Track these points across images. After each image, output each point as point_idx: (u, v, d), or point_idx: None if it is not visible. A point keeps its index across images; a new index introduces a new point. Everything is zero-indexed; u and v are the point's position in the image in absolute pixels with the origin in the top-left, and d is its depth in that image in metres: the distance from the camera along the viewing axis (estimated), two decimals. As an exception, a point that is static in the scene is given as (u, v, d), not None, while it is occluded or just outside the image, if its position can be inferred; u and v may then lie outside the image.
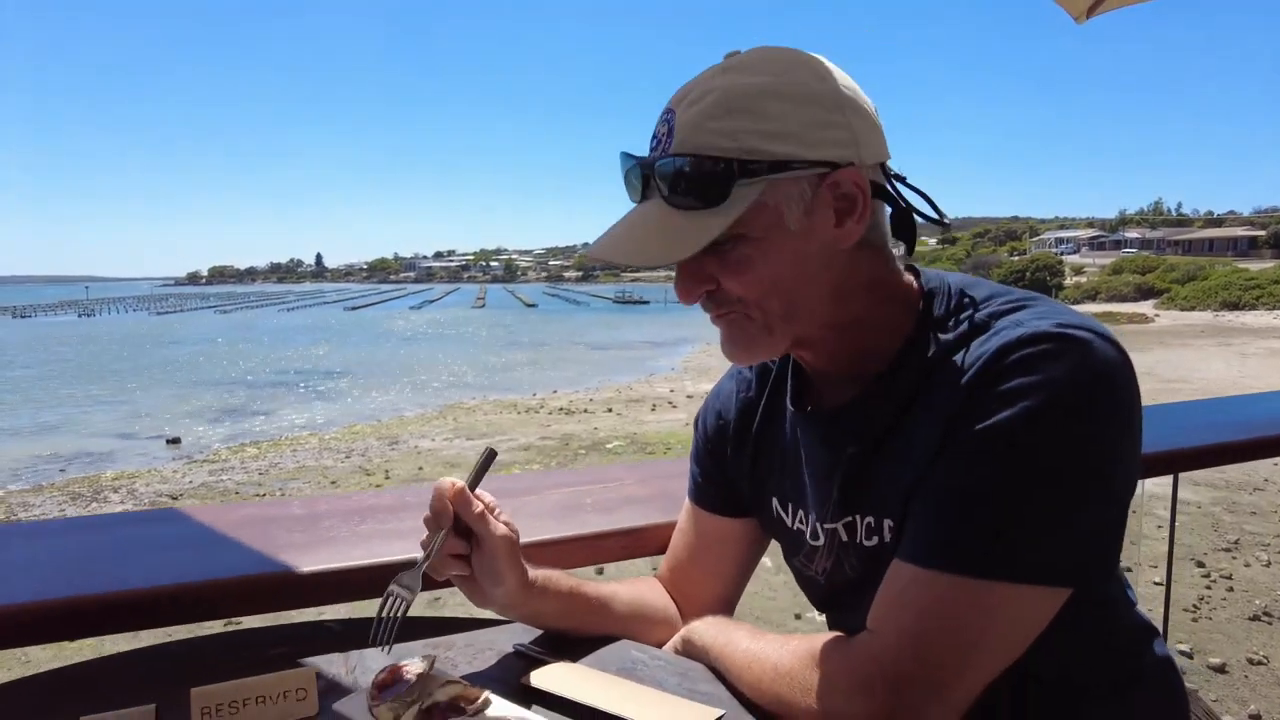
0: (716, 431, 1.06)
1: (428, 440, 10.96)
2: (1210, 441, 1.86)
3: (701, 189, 0.76)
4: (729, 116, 0.76)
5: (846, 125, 0.78)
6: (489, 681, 0.87)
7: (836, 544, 0.91)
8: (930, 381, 0.80)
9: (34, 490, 9.06)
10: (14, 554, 1.17)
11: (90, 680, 0.92)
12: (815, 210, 0.78)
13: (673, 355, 23.60)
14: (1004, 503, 0.71)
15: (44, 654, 3.65)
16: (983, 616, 0.71)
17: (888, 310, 0.85)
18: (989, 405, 0.73)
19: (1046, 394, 0.71)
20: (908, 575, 0.75)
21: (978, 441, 0.73)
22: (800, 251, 0.79)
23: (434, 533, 0.88)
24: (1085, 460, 0.72)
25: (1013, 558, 0.71)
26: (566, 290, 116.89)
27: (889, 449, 0.84)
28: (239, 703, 0.79)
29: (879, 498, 0.84)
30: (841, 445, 0.88)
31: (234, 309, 73.83)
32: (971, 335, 0.79)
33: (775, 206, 0.77)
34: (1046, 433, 0.71)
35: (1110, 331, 0.76)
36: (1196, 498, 6.17)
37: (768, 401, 1.01)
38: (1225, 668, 3.45)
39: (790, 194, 0.77)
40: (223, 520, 1.29)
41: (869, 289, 0.84)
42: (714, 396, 1.09)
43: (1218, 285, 38.25)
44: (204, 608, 1.08)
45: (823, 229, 0.79)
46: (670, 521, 1.16)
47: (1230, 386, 13.28)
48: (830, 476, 0.90)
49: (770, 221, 0.77)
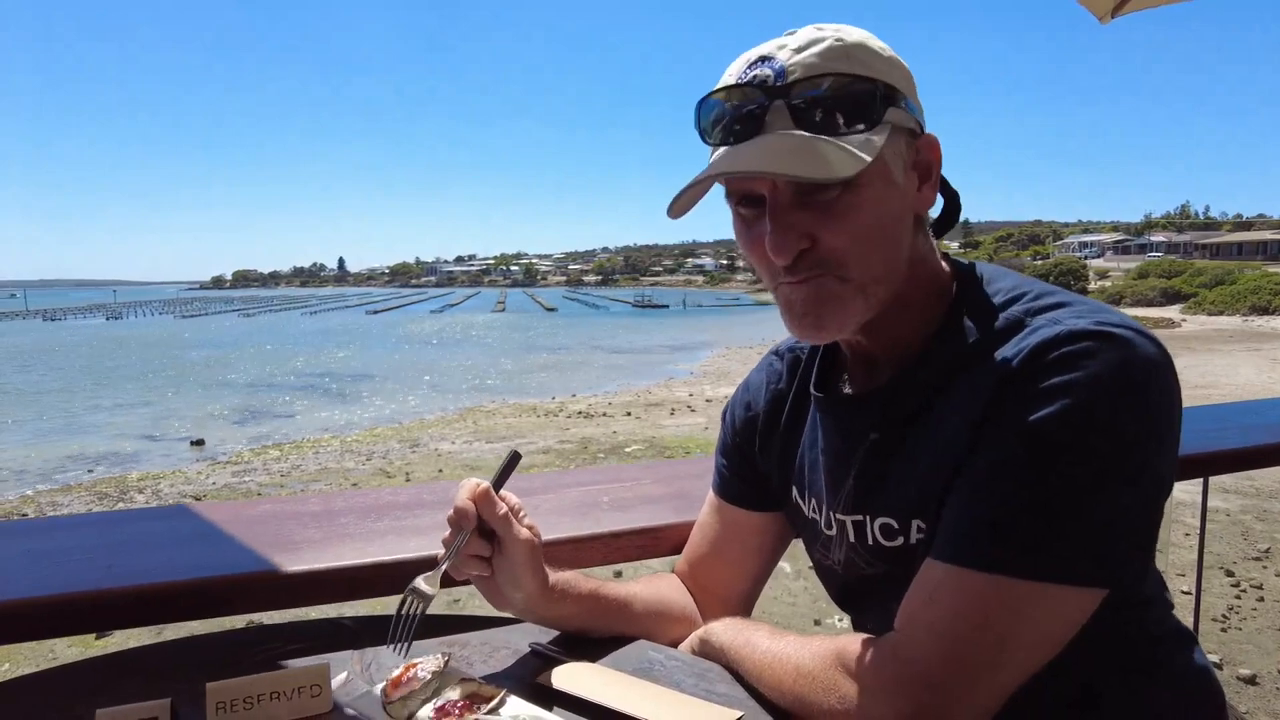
0: (745, 424, 1.05)
1: (448, 443, 11.01)
2: (1242, 445, 1.80)
3: (852, 112, 0.72)
4: (847, 60, 0.73)
5: (917, 99, 0.80)
6: (504, 680, 0.87)
7: (846, 538, 0.90)
8: (961, 376, 0.78)
9: (62, 490, 9.21)
10: (35, 549, 1.18)
11: (107, 674, 0.93)
12: (908, 170, 0.78)
13: (691, 359, 23.56)
14: (1039, 502, 0.69)
15: (69, 649, 3.71)
16: (1015, 617, 0.69)
17: (925, 292, 0.84)
18: (1026, 403, 0.71)
19: (1086, 393, 0.69)
20: (939, 574, 0.73)
21: (1014, 439, 0.71)
22: (898, 209, 0.78)
23: (456, 532, 0.87)
24: (1124, 461, 0.70)
25: (1047, 558, 0.69)
26: (586, 294, 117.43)
27: (912, 442, 0.82)
28: (253, 698, 0.79)
29: (901, 497, 0.83)
30: (863, 433, 0.87)
31: (257, 313, 74.75)
32: (1009, 332, 0.77)
33: (885, 159, 0.75)
34: (1085, 432, 0.69)
35: (1150, 330, 0.74)
36: (1226, 505, 6.05)
37: (797, 391, 1.00)
38: (1256, 679, 3.38)
39: (896, 149, 0.76)
40: (240, 517, 1.30)
41: (915, 266, 0.83)
42: (743, 389, 1.08)
43: (1247, 289, 37.49)
44: (221, 604, 1.08)
45: (910, 190, 0.79)
46: (687, 521, 1.15)
47: (1261, 392, 13.04)
48: (847, 465, 0.88)
49: (882, 172, 0.75)
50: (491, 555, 0.89)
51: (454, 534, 0.87)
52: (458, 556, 0.87)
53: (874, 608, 0.87)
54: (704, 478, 1.52)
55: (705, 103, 0.78)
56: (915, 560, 0.78)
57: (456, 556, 0.87)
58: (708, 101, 0.78)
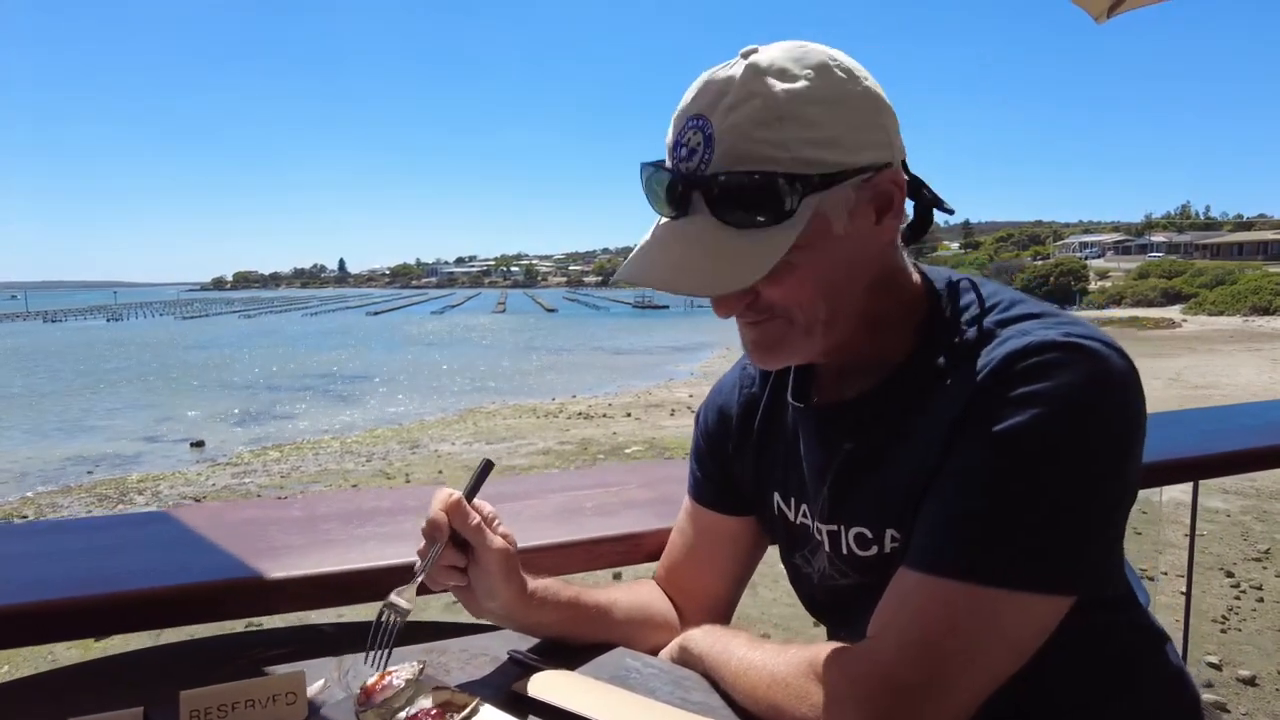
0: (718, 426, 1.05)
1: (448, 444, 11.02)
2: (1231, 448, 1.80)
3: (764, 205, 0.73)
4: (779, 125, 0.72)
5: (882, 127, 0.78)
6: (481, 688, 0.87)
7: (823, 547, 0.90)
8: (934, 388, 0.79)
9: (62, 492, 9.23)
10: (10, 554, 1.17)
11: (79, 682, 0.92)
12: (857, 213, 0.77)
13: (692, 360, 23.58)
14: (1008, 510, 0.70)
15: (69, 652, 3.71)
16: (985, 624, 0.70)
17: (896, 309, 0.85)
18: (995, 412, 0.71)
19: (1055, 402, 0.70)
20: (911, 582, 0.74)
21: (983, 448, 0.72)
22: (844, 254, 0.78)
23: (430, 544, 0.87)
24: (1091, 470, 0.71)
25: (1017, 565, 0.70)
26: (586, 295, 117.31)
27: (887, 453, 0.83)
28: (228, 706, 0.79)
29: (875, 506, 0.83)
30: (838, 442, 0.87)
31: (258, 314, 74.88)
32: (978, 344, 0.78)
33: (824, 215, 0.75)
34: (1053, 441, 0.70)
35: (1117, 342, 0.74)
36: (1226, 506, 6.04)
37: (770, 396, 1.00)
38: (1255, 680, 3.37)
39: (836, 202, 0.75)
40: (222, 521, 1.30)
41: (887, 285, 0.84)
42: (715, 392, 1.08)
43: (1247, 289, 37.46)
44: (198, 610, 1.08)
45: (864, 229, 0.78)
46: (668, 527, 1.15)
47: (1261, 393, 13.02)
48: (823, 474, 0.89)
49: (818, 231, 0.75)
50: (466, 565, 0.88)
51: (428, 545, 0.87)
52: (433, 567, 0.87)
53: (848, 617, 0.87)
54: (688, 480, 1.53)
55: (643, 167, 0.81)
56: (890, 569, 0.78)
57: (432, 568, 0.87)
58: (644, 167, 0.80)
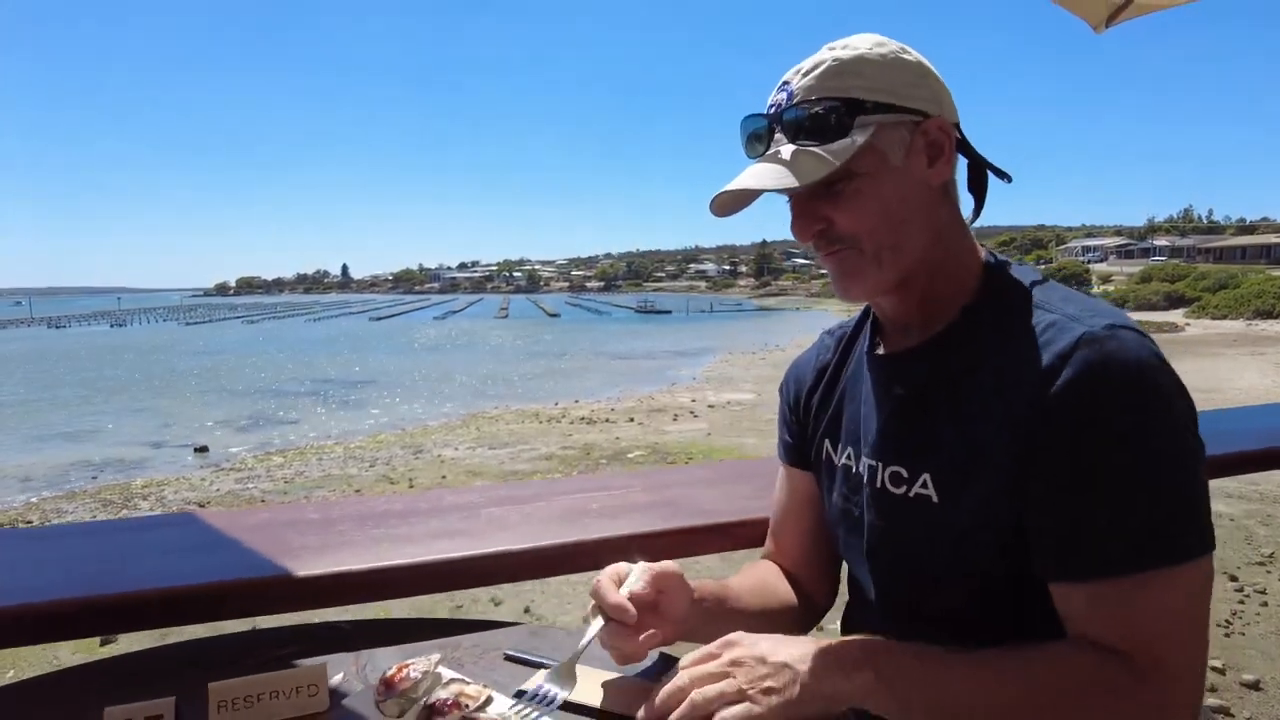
0: (795, 388, 1.16)
1: (451, 449, 11.04)
2: (1235, 451, 1.80)
3: (824, 129, 0.89)
4: (839, 77, 0.90)
5: (929, 87, 0.93)
6: (492, 679, 0.90)
7: (862, 481, 0.99)
8: (985, 350, 0.89)
9: (67, 497, 9.26)
10: (41, 556, 1.21)
11: (114, 675, 0.96)
12: (912, 153, 0.91)
13: (694, 365, 23.56)
14: (1155, 495, 0.78)
15: (72, 655, 3.74)
16: (1198, 597, 0.79)
17: (958, 264, 0.95)
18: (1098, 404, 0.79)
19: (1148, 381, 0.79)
20: (1122, 588, 0.78)
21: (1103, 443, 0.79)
22: (902, 187, 0.91)
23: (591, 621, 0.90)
24: (1184, 442, 0.80)
25: (1189, 536, 0.78)
26: (589, 300, 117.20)
27: (935, 403, 0.92)
28: (253, 697, 0.83)
29: (916, 449, 0.92)
30: (891, 388, 0.97)
31: (261, 319, 74.90)
32: (1043, 324, 0.85)
33: (880, 149, 0.89)
34: (1158, 420, 0.79)
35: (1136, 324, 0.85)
36: (1229, 510, 6.05)
37: (838, 360, 1.10)
38: (1260, 684, 3.36)
39: (892, 139, 0.90)
40: (241, 524, 1.34)
41: (946, 237, 0.94)
42: (794, 365, 1.19)
43: (1250, 293, 37.34)
44: (222, 608, 1.12)
45: (918, 168, 0.91)
46: (672, 528, 1.19)
47: (1265, 396, 12.99)
48: (877, 415, 0.98)
49: (877, 160, 0.89)
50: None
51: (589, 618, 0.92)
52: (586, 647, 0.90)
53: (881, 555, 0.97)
54: (692, 486, 1.57)
55: (743, 122, 0.97)
56: (911, 515, 0.90)
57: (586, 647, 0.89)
58: (743, 122, 0.97)
